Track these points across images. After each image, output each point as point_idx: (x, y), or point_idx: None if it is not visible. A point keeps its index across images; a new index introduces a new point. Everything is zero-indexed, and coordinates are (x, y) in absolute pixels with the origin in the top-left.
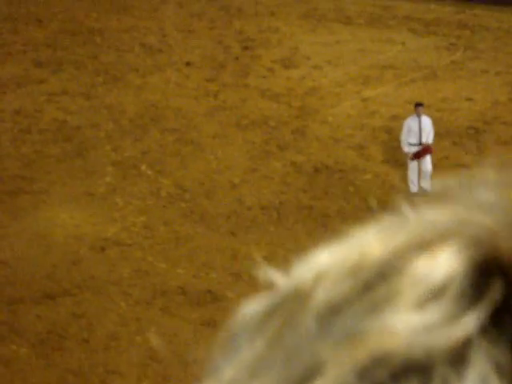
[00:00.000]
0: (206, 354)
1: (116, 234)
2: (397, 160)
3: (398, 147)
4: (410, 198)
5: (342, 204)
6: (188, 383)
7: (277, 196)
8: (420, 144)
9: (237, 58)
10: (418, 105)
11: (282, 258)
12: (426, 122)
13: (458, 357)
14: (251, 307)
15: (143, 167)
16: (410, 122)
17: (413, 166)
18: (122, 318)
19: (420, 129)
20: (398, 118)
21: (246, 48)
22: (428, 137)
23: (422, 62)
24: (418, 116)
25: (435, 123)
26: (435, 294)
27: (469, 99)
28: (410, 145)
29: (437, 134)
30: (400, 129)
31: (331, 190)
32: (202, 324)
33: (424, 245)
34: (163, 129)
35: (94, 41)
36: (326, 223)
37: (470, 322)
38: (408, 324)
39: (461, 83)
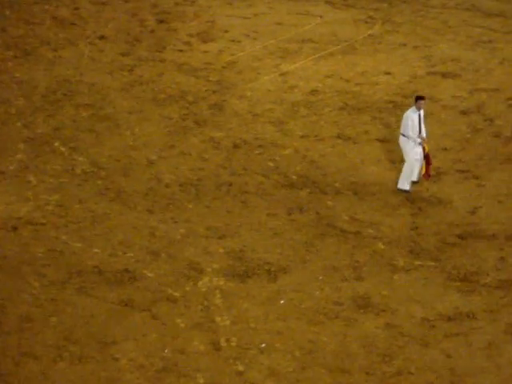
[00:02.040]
0: (124, 334)
1: (29, 212)
2: (316, 135)
3: (317, 121)
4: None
5: (261, 180)
6: (105, 364)
7: (195, 173)
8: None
9: (152, 32)
10: (420, 98)
11: (201, 235)
12: (423, 115)
13: None
14: None
15: (56, 144)
16: (412, 115)
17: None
18: (36, 299)
19: (420, 122)
20: (317, 93)
21: (161, 21)
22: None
23: (341, 35)
24: (419, 110)
25: (354, 98)
26: None
27: (387, 73)
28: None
29: (356, 109)
30: (320, 103)
31: (250, 165)
32: (119, 304)
33: None
34: (77, 104)
35: (3, 13)
36: (245, 200)
37: None
38: None
39: (379, 57)
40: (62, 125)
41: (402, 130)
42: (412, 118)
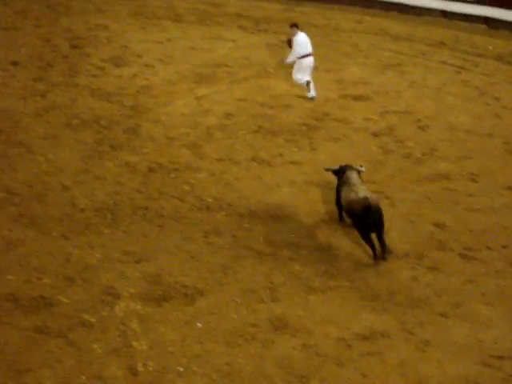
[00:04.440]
0: (39, 362)
1: None
2: (231, 158)
3: (232, 145)
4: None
5: (177, 203)
6: None
7: (111, 197)
8: (310, 54)
9: (65, 57)
10: (294, 25)
11: (117, 260)
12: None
13: None
14: None
15: None
16: (302, 39)
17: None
18: None
19: (307, 41)
20: (232, 116)
21: (74, 46)
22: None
23: (254, 59)
24: (301, 31)
25: (268, 121)
26: None
27: (300, 96)
28: (304, 56)
29: (270, 132)
30: (234, 126)
31: (166, 189)
32: (34, 331)
33: None
34: None
35: None
36: (161, 223)
37: None
38: None
39: (291, 81)
40: None
41: (296, 56)
42: (300, 40)
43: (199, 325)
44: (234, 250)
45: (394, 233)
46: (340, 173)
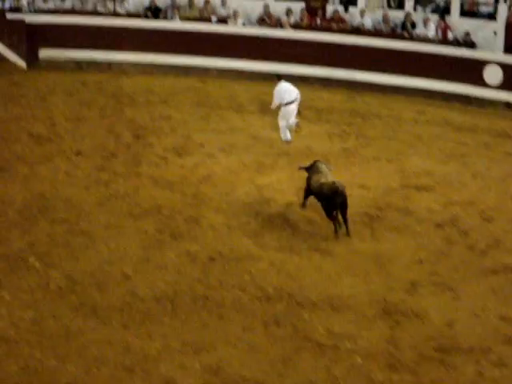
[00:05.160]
0: None
1: (2, 329)
2: (292, 247)
3: (294, 234)
4: None
5: (237, 293)
6: None
7: (171, 286)
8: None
9: (129, 147)
10: (279, 77)
11: (177, 350)
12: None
13: None
14: None
15: (31, 260)
16: (283, 86)
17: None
18: None
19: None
20: (293, 205)
21: (137, 136)
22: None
23: (315, 149)
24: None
25: None
26: None
27: (361, 186)
28: (287, 104)
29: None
30: (295, 215)
31: (226, 278)
32: None
33: None
34: (52, 220)
35: None
36: (221, 313)
37: None
38: None
39: (353, 170)
40: (37, 240)
41: (279, 103)
42: (285, 88)
43: None
44: (294, 341)
45: (459, 326)
46: (311, 167)
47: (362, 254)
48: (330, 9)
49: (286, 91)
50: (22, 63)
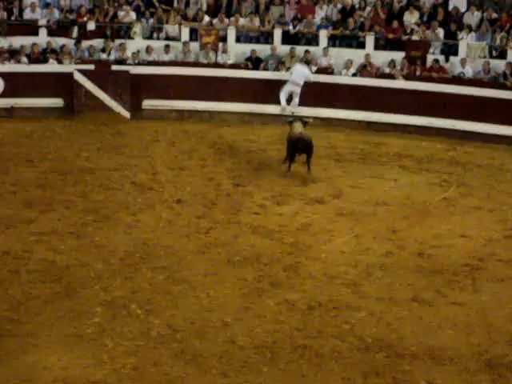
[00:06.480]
0: None
1: (105, 376)
2: (391, 297)
3: (393, 284)
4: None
5: (336, 343)
6: None
7: (270, 335)
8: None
9: (228, 195)
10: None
11: None
12: None
13: None
14: None
15: (133, 307)
16: (297, 68)
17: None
18: None
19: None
20: (392, 255)
21: (237, 185)
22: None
23: (415, 198)
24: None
25: (429, 260)
26: None
27: (462, 236)
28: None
29: (432, 271)
30: (394, 265)
31: (325, 328)
32: None
33: None
34: (154, 267)
35: (85, 180)
36: (320, 363)
37: None
38: None
39: (454, 220)
40: (138, 287)
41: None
42: (297, 68)
43: None
44: None
45: None
46: (290, 124)
47: (462, 305)
48: (430, 58)
49: (295, 72)
50: (125, 113)
